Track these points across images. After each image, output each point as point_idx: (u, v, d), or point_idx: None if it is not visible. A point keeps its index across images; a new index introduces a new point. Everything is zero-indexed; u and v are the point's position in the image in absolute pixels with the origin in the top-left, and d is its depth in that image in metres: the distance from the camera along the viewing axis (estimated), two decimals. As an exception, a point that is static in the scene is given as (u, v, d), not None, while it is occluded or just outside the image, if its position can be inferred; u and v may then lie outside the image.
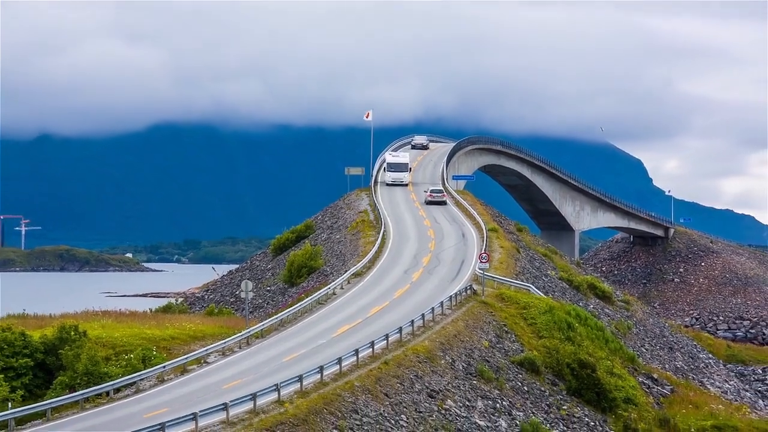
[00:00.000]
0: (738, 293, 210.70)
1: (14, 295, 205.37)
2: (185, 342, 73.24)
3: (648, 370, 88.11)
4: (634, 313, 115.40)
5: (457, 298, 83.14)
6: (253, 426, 53.20)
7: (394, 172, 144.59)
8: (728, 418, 79.26)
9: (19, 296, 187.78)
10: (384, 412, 60.29)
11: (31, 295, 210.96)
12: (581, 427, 71.03)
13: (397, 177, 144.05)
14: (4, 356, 65.01)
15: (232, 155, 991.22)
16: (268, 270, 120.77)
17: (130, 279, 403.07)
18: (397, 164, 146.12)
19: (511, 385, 71.61)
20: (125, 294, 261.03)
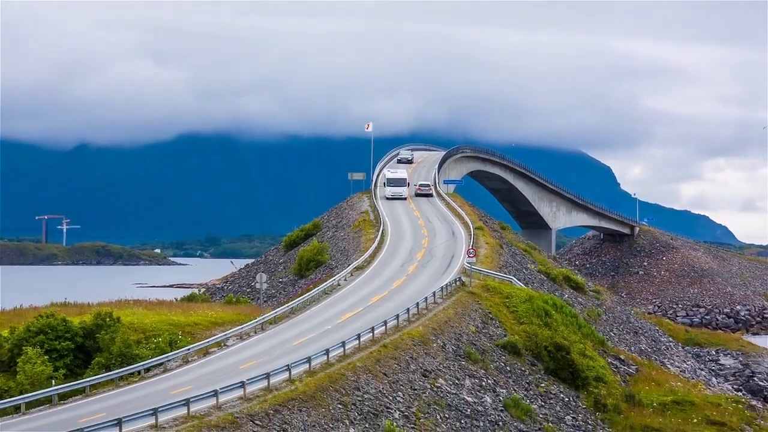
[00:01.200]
0: (695, 284, 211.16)
1: (57, 286, 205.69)
2: (207, 327, 73.30)
3: (616, 352, 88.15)
4: (603, 302, 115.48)
5: (447, 288, 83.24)
6: (267, 402, 53.26)
7: (393, 187, 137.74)
8: (686, 394, 79.37)
9: (61, 287, 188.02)
10: (383, 390, 60.35)
11: (71, 285, 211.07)
12: (557, 403, 71.08)
13: (396, 192, 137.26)
14: (48, 339, 65.10)
15: (248, 162, 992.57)
16: (280, 264, 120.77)
17: (159, 272, 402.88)
18: (396, 179, 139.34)
19: (495, 365, 71.67)
20: (154, 285, 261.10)
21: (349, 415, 56.10)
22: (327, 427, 54.07)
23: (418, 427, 58.88)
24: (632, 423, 71.49)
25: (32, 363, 61.19)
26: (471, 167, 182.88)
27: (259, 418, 51.48)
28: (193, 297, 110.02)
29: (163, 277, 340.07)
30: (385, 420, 57.30)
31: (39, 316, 68.21)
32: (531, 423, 66.11)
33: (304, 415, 53.80)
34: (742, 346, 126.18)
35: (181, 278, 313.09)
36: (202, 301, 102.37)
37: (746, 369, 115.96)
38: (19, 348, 63.84)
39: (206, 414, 50.25)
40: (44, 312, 70.99)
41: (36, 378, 59.77)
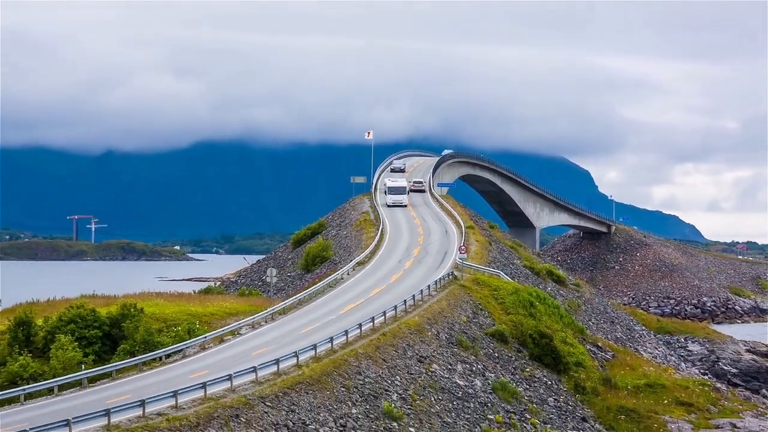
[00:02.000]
0: (665, 278, 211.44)
1: (86, 280, 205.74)
2: (222, 317, 73.36)
3: (594, 340, 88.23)
4: (583, 294, 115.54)
5: (441, 282, 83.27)
6: (276, 385, 53.33)
7: (394, 195, 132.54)
8: (657, 378, 79.48)
9: (89, 280, 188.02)
10: (382, 374, 60.42)
11: (99, 279, 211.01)
12: (541, 386, 71.14)
13: (397, 199, 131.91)
14: (79, 328, 65.24)
15: (259, 167, 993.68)
16: (288, 259, 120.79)
17: (178, 267, 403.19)
18: (396, 188, 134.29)
19: (484, 352, 71.75)
20: (174, 279, 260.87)
21: (351, 397, 56.19)
22: (331, 408, 54.15)
23: (414, 408, 58.96)
24: (609, 404, 71.62)
25: (64, 349, 61.37)
26: (462, 171, 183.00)
27: (270, 400, 51.58)
28: (209, 290, 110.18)
29: (182, 271, 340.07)
30: (384, 402, 57.39)
31: (70, 307, 68.40)
32: (517, 404, 66.20)
33: (311, 397, 53.90)
34: (708, 335, 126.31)
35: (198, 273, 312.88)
36: (218, 293, 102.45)
37: (712, 355, 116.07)
38: (53, 335, 64.06)
39: (222, 396, 50.35)
40: (75, 303, 71.18)
41: (67, 363, 59.95)
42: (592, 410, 70.63)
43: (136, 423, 45.15)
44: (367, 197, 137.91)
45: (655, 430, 68.80)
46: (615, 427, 68.92)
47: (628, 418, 70.06)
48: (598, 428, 68.36)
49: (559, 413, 68.23)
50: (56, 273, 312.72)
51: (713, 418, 71.89)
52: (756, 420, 72.79)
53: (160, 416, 46.44)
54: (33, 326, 65.62)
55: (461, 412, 61.53)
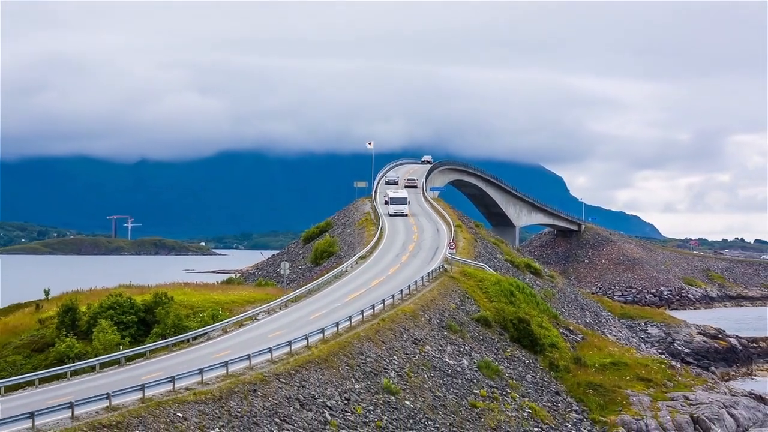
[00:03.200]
0: (628, 270, 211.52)
1: (123, 272, 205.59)
2: (242, 305, 73.35)
3: (566, 324, 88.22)
4: (556, 284, 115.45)
5: (433, 274, 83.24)
6: (289, 364, 53.33)
7: (396, 205, 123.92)
8: (621, 357, 79.48)
9: (126, 272, 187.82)
10: (381, 354, 60.40)
11: (134, 271, 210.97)
12: (520, 364, 71.13)
13: (398, 209, 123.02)
14: (117, 314, 65.28)
15: (274, 173, 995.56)
16: (299, 254, 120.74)
17: (203, 260, 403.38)
18: (398, 199, 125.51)
19: (471, 335, 71.75)
20: (200, 271, 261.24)
21: (354, 374, 56.17)
22: (337, 384, 54.13)
23: (410, 384, 58.95)
24: (579, 380, 71.58)
25: (105, 332, 61.47)
26: (452, 177, 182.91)
27: (283, 377, 51.57)
28: (230, 280, 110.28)
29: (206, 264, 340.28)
30: (383, 378, 57.38)
31: (109, 295, 68.48)
32: (499, 380, 66.20)
33: (319, 374, 53.88)
34: (665, 320, 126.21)
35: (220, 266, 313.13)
36: (238, 283, 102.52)
37: (668, 337, 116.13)
38: (95, 320, 64.14)
39: (241, 373, 50.34)
40: (114, 292, 71.29)
41: (107, 344, 60.04)
42: (565, 385, 70.63)
43: (167, 396, 45.18)
44: (368, 200, 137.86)
45: (618, 402, 68.80)
46: (584, 400, 68.89)
47: (595, 392, 70.06)
48: (570, 401, 68.34)
49: (536, 388, 68.24)
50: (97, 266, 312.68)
51: (669, 392, 71.95)
52: (705, 393, 72.85)
53: (187, 390, 46.47)
54: (78, 312, 65.75)
55: (450, 388, 61.54)
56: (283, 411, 48.76)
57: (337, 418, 51.06)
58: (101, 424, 40.57)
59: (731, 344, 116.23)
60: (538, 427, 62.30)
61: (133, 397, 44.16)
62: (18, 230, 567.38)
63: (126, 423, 41.35)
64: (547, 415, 64.32)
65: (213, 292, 78.44)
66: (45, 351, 62.70)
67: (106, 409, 42.19)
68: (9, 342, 66.30)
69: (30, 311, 74.32)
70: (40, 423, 39.48)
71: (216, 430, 44.37)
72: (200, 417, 44.57)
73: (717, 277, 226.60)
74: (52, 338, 63.75)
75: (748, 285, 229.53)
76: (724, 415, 67.66)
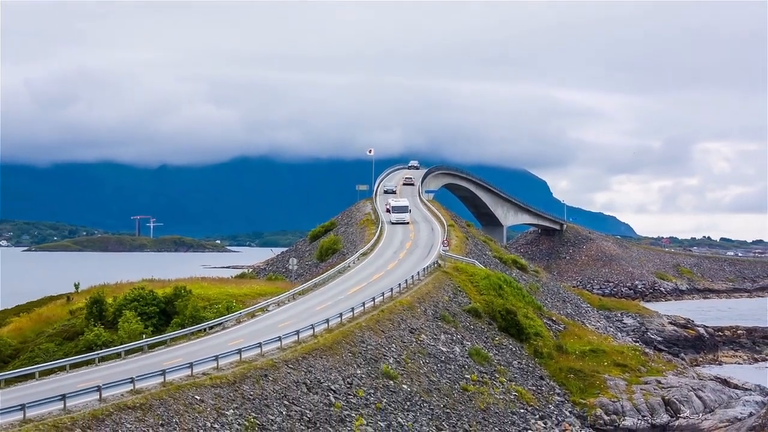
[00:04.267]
0: (606, 265, 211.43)
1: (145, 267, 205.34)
2: (254, 297, 73.33)
3: (549, 315, 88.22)
4: (540, 279, 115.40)
5: (428, 269, 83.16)
6: (297, 351, 53.35)
7: (397, 213, 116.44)
8: (599, 344, 79.49)
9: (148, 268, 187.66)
10: (381, 342, 60.43)
11: (156, 267, 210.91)
12: (507, 351, 71.15)
13: (400, 217, 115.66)
14: (140, 305, 65.21)
15: (283, 177, 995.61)
16: (306, 251, 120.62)
17: (219, 257, 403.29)
18: (399, 207, 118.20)
19: (462, 325, 71.76)
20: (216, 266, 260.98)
21: (356, 360, 56.19)
22: (341, 369, 54.15)
23: (407, 370, 58.97)
24: (561, 366, 71.61)
25: (129, 322, 61.44)
26: (445, 181, 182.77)
27: (292, 363, 51.60)
28: (243, 275, 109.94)
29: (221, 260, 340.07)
30: (383, 364, 57.40)
31: (133, 289, 68.44)
32: (488, 366, 66.22)
33: (324, 360, 53.90)
34: (639, 311, 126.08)
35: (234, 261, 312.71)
36: (250, 278, 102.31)
37: (642, 326, 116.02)
38: (120, 311, 64.10)
39: (254, 359, 50.37)
40: (137, 286, 71.23)
41: (132, 333, 60.03)
42: (548, 371, 70.66)
43: (186, 381, 45.21)
44: (369, 201, 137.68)
45: (597, 386, 68.84)
46: (566, 384, 68.93)
47: (576, 377, 70.09)
48: (552, 385, 68.37)
49: (522, 373, 68.27)
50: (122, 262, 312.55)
51: (643, 377, 71.96)
52: (676, 378, 72.88)
53: (204, 375, 46.50)
54: (105, 304, 65.70)
55: (444, 373, 61.55)
56: (291, 394, 48.80)
57: (341, 400, 51.10)
58: (126, 406, 40.63)
59: (699, 333, 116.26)
60: (523, 409, 62.33)
61: (155, 381, 44.19)
62: (51, 229, 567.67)
63: (149, 405, 41.42)
64: (531, 398, 64.36)
65: (227, 286, 78.40)
66: (75, 339, 62.68)
67: (131, 392, 42.25)
68: (42, 331, 66.32)
69: (61, 303, 74.34)
70: (71, 404, 39.56)
71: (230, 411, 44.42)
72: (216, 399, 44.62)
73: (686, 272, 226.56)
74: (82, 328, 63.72)
75: (715, 279, 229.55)
76: (692, 398, 67.73)
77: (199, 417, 42.64)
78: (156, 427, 40.38)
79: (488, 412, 59.24)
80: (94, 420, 38.60)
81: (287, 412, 47.11)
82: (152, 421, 40.51)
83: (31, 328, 67.33)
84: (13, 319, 72.32)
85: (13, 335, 65.75)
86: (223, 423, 43.29)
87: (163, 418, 41.12)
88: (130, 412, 40.24)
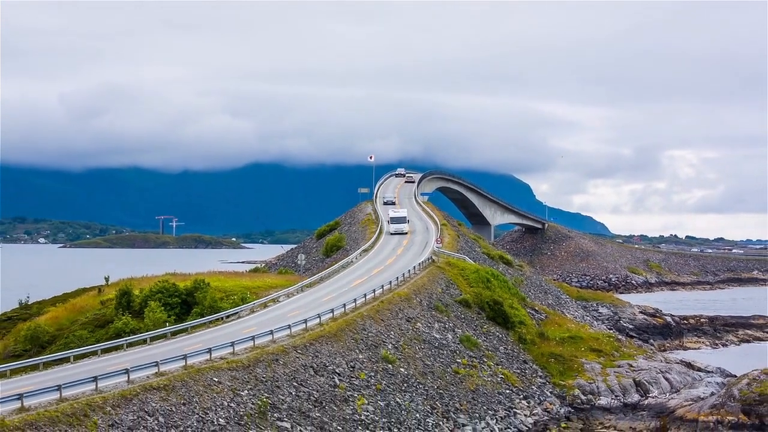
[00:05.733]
0: (583, 261, 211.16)
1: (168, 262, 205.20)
2: (266, 289, 73.35)
3: (532, 305, 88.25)
4: (524, 273, 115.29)
5: (423, 264, 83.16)
6: (305, 338, 53.35)
7: (396, 224, 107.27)
8: (577, 332, 79.55)
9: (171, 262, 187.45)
10: (381, 330, 60.44)
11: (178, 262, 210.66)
12: (494, 338, 71.15)
13: (398, 228, 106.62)
14: (164, 296, 65.13)
15: (292, 181, 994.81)
16: (313, 248, 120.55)
17: (234, 253, 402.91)
18: (398, 218, 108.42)
19: (454, 314, 71.78)
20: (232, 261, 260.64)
21: (358, 346, 56.20)
22: (344, 354, 54.17)
23: (404, 354, 58.98)
24: (543, 351, 71.68)
25: (154, 311, 61.39)
26: (439, 184, 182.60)
27: (300, 348, 51.61)
28: (256, 269, 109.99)
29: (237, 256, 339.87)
30: (382, 350, 57.41)
31: (158, 281, 68.40)
32: (477, 351, 66.25)
33: (329, 346, 53.91)
34: (613, 301, 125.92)
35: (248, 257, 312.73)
36: (263, 272, 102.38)
37: (615, 315, 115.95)
38: (146, 302, 64.05)
39: (266, 345, 50.38)
40: (161, 279, 71.18)
41: (156, 321, 60.00)
42: (531, 355, 70.71)
43: (205, 364, 45.22)
44: (370, 203, 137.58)
45: (575, 369, 68.89)
46: (547, 367, 68.99)
47: (556, 360, 70.14)
48: (535, 368, 68.41)
49: (508, 357, 68.29)
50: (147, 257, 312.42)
51: (616, 360, 72.00)
52: (645, 361, 72.91)
53: (222, 359, 46.51)
54: (132, 295, 65.67)
55: (437, 357, 61.57)
56: (300, 376, 48.82)
57: (344, 382, 51.12)
58: (151, 387, 40.65)
59: (666, 321, 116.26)
60: (509, 390, 62.36)
61: (178, 364, 44.21)
62: (84, 228, 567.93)
63: (171, 386, 41.43)
64: (516, 380, 64.40)
65: (242, 279, 78.40)
66: (105, 327, 62.66)
67: (156, 375, 42.27)
68: (76, 319, 66.32)
69: (93, 294, 74.31)
70: (102, 385, 39.59)
71: (245, 392, 44.44)
72: (232, 381, 44.64)
73: (655, 267, 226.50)
74: (112, 316, 63.71)
75: (681, 273, 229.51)
76: (660, 379, 67.78)
77: (217, 397, 42.67)
78: (178, 405, 40.41)
79: (477, 392, 59.28)
80: (123, 399, 38.64)
81: (296, 392, 47.14)
82: (175, 401, 40.54)
83: (66, 317, 67.35)
84: (51, 308, 72.35)
85: (50, 323, 65.76)
86: (239, 402, 43.32)
87: (184, 397, 41.14)
88: (155, 392, 40.26)
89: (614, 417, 62.29)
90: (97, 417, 36.58)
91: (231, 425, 41.33)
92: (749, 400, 58.21)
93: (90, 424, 35.95)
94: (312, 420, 45.60)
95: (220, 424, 40.92)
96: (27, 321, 68.42)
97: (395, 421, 50.17)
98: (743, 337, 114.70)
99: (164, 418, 39.01)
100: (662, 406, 62.58)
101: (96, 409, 37.12)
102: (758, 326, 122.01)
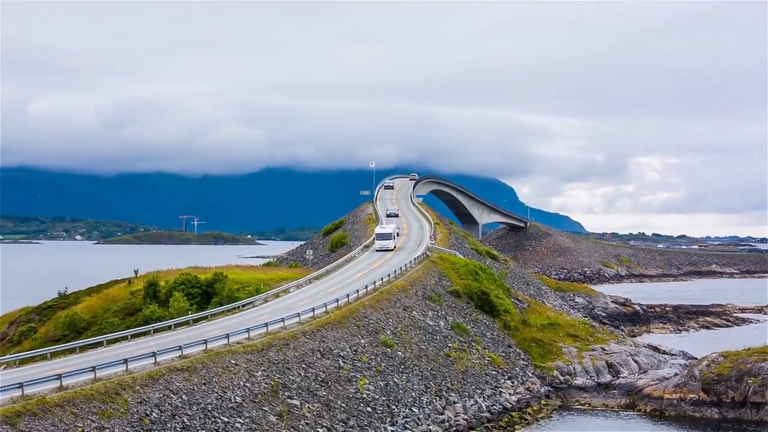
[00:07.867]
0: (561, 256, 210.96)
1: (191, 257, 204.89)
2: (278, 281, 73.32)
3: (516, 295, 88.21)
4: (509, 266, 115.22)
5: (418, 259, 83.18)
6: (312, 324, 53.34)
7: (381, 240, 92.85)
8: (556, 319, 79.53)
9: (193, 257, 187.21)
10: (380, 317, 60.43)
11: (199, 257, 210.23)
12: (482, 325, 71.10)
13: (383, 244, 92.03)
14: (187, 287, 65.05)
15: (301, 184, 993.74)
16: (320, 244, 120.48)
17: (250, 249, 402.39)
18: (383, 234, 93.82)
19: (446, 303, 71.76)
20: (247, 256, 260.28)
21: (360, 332, 56.21)
22: (347, 339, 54.17)
23: (401, 340, 58.97)
24: (525, 336, 71.65)
25: (178, 301, 61.38)
26: (432, 187, 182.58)
27: (308, 334, 51.60)
28: (269, 264, 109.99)
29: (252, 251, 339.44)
30: (381, 335, 57.41)
31: (181, 274, 68.32)
32: (467, 336, 66.24)
33: (334, 332, 53.92)
34: (588, 292, 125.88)
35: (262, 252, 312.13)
36: (275, 266, 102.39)
37: (590, 304, 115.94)
38: (170, 292, 64.02)
39: (278, 331, 50.38)
40: (184, 271, 71.16)
41: (180, 310, 59.99)
42: (515, 340, 70.69)
43: (223, 348, 45.21)
44: (370, 204, 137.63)
45: (554, 352, 68.87)
46: (529, 351, 68.96)
47: (537, 345, 70.13)
48: (518, 351, 68.38)
49: (494, 342, 68.29)
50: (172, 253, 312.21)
51: (591, 345, 71.99)
52: (617, 345, 72.92)
53: (238, 344, 46.50)
54: (158, 286, 65.63)
55: (431, 342, 61.58)
56: (308, 359, 48.83)
57: (348, 364, 51.13)
58: (176, 368, 40.67)
59: (635, 309, 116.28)
60: (495, 371, 62.36)
61: (199, 348, 44.23)
62: (115, 227, 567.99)
63: (193, 367, 41.45)
64: (502, 362, 64.40)
65: (257, 272, 78.43)
66: (135, 315, 62.68)
67: (179, 357, 42.28)
68: (108, 308, 66.31)
69: (124, 285, 74.29)
70: (132, 367, 39.62)
71: (259, 373, 44.45)
72: (248, 363, 44.65)
73: (625, 261, 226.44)
74: (140, 305, 63.72)
75: (648, 266, 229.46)
76: (630, 361, 67.80)
77: (234, 377, 42.68)
78: (199, 385, 40.42)
79: (467, 373, 59.29)
80: (150, 379, 38.67)
81: (305, 373, 47.15)
82: (196, 381, 40.55)
83: (99, 306, 67.34)
84: (86, 298, 72.33)
85: (85, 311, 65.75)
86: (253, 382, 43.32)
87: (205, 378, 41.16)
88: (178, 373, 40.27)
89: (589, 395, 62.39)
90: (127, 395, 36.63)
91: (246, 402, 41.35)
92: (708, 380, 58.35)
93: (121, 401, 35.99)
94: (319, 398, 45.61)
95: (236, 401, 40.95)
96: (65, 309, 68.43)
97: (393, 399, 50.18)
98: (703, 323, 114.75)
99: (187, 396, 39.03)
100: (632, 386, 62.64)
101: (126, 387, 37.15)
102: (716, 314, 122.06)
